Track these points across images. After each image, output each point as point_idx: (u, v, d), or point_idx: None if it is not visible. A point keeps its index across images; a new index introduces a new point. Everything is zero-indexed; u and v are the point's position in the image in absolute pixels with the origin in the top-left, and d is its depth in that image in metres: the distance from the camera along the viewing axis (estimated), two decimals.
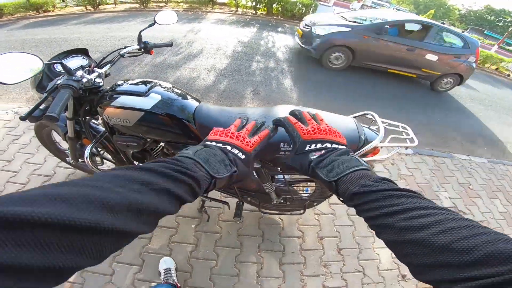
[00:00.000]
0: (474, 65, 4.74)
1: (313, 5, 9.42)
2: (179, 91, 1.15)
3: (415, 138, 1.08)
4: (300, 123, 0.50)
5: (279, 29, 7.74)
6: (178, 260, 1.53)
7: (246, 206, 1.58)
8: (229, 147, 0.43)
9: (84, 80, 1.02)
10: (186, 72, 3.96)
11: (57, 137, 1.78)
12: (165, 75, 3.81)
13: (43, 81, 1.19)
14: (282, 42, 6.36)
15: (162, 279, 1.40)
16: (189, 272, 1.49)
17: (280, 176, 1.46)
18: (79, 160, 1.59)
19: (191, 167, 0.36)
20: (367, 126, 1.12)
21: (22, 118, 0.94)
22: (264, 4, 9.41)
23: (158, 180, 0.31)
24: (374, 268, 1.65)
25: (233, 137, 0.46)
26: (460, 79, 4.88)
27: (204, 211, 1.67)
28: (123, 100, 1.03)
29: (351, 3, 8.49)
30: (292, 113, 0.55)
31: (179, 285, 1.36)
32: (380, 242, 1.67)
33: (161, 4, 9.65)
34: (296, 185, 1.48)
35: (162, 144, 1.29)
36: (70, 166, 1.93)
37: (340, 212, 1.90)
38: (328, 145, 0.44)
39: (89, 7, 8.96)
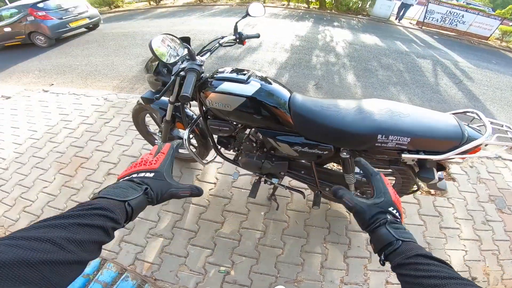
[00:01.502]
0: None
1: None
2: (273, 81, 1.18)
3: None
4: (393, 188, 0.52)
5: (335, 23, 7.46)
6: (247, 246, 1.58)
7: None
8: (134, 175, 0.47)
9: (203, 63, 1.13)
10: (248, 65, 4.09)
11: (147, 121, 1.96)
12: (229, 66, 3.97)
13: (159, 66, 1.33)
14: (340, 36, 6.13)
15: None
16: (256, 258, 1.53)
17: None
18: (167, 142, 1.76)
19: (94, 203, 0.38)
20: (467, 124, 1.06)
21: (157, 98, 1.09)
22: None
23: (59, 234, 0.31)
24: None
25: (137, 165, 0.50)
26: None
27: (274, 199, 1.69)
28: (226, 86, 1.10)
29: None
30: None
31: None
32: (452, 244, 1.56)
33: None
34: None
35: (248, 131, 1.37)
36: None
37: (410, 211, 1.82)
38: (398, 215, 0.48)
39: (152, 3, 9.76)
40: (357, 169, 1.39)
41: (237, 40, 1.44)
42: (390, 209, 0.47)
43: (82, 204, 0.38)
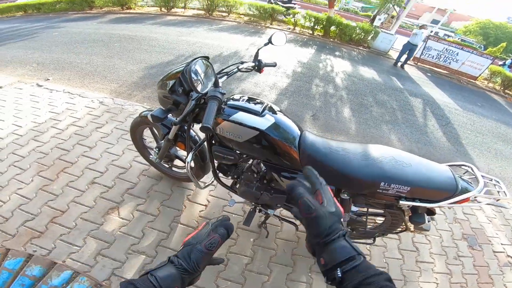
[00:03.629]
0: None
1: (373, 32, 9.27)
2: (286, 116, 1.20)
3: (507, 192, 1.09)
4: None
5: (337, 53, 7.76)
6: (233, 271, 1.57)
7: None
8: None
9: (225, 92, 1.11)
10: (250, 86, 4.16)
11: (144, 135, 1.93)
12: (230, 86, 4.03)
13: (175, 85, 1.24)
14: (341, 67, 6.36)
15: None
16: (241, 283, 1.52)
17: (355, 208, 1.48)
18: (163, 160, 1.72)
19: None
20: (460, 175, 1.15)
21: (176, 123, 1.08)
22: (322, 26, 9.53)
23: None
24: None
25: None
26: None
27: (264, 227, 1.71)
28: (241, 117, 1.09)
29: (412, 30, 8.08)
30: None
31: None
32: (425, 277, 1.70)
33: (224, 14, 10.35)
34: (370, 217, 1.48)
35: (251, 161, 1.37)
36: (145, 162, 2.09)
37: (391, 246, 1.92)
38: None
39: (163, 9, 9.94)
40: (353, 208, 1.41)
41: (256, 67, 1.45)
42: (341, 219, 0.44)
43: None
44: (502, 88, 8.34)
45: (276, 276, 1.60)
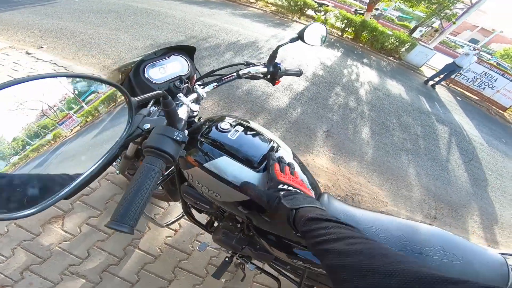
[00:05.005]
0: None
1: (409, 43, 8.49)
2: (301, 170, 0.78)
3: None
4: (280, 171, 0.61)
5: (365, 60, 7.13)
6: None
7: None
8: None
9: (193, 103, 0.68)
10: (261, 84, 3.70)
11: None
12: (239, 81, 3.61)
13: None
14: (367, 77, 5.78)
15: None
16: None
17: None
18: (126, 171, 1.37)
19: None
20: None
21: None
22: (354, 29, 8.82)
23: None
24: None
25: None
26: None
27: (242, 268, 1.39)
28: (225, 167, 0.68)
29: (460, 50, 7.30)
30: (279, 162, 0.66)
31: None
32: None
33: (251, 0, 9.75)
34: None
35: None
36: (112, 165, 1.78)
37: None
38: (298, 190, 0.57)
39: None
40: None
41: (268, 75, 0.97)
42: (280, 186, 0.56)
43: None
44: None
45: None
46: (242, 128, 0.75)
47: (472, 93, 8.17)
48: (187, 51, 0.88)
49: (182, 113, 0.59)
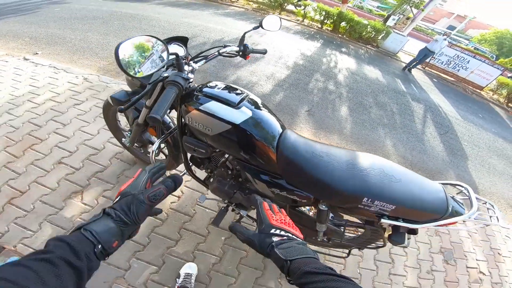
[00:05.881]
0: None
1: (384, 31, 8.95)
2: (267, 111, 1.06)
3: (500, 217, 0.99)
4: (270, 211, 0.59)
5: (343, 49, 7.50)
6: (199, 269, 1.49)
7: None
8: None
9: (191, 78, 0.97)
10: (246, 74, 4.00)
11: (119, 116, 1.83)
12: (226, 72, 3.88)
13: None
14: (345, 64, 6.14)
15: (180, 281, 1.35)
16: (206, 284, 1.46)
17: (336, 219, 1.38)
18: (135, 145, 1.62)
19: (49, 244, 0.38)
20: (452, 196, 1.03)
21: (121, 110, 0.92)
22: (332, 21, 9.22)
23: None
24: None
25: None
26: None
27: (238, 215, 1.60)
28: (213, 107, 0.95)
29: (434, 36, 7.71)
30: (266, 201, 0.63)
31: None
32: None
33: None
34: (347, 228, 1.39)
35: (226, 156, 1.25)
36: (120, 145, 1.99)
37: (368, 256, 1.86)
38: (290, 235, 0.53)
39: None
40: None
41: (240, 53, 1.30)
42: (272, 231, 0.52)
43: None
44: (506, 101, 8.08)
45: (244, 279, 1.51)
46: (224, 86, 1.05)
47: (448, 75, 8.64)
48: (182, 40, 1.21)
49: (189, 77, 0.96)
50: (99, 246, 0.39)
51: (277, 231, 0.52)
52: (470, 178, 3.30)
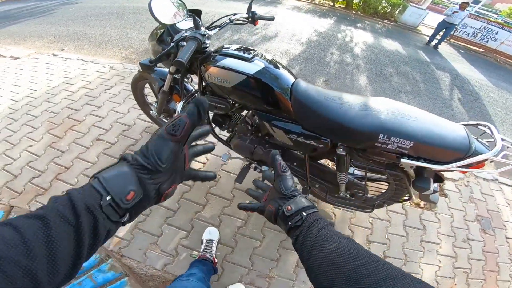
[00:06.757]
0: None
1: (401, 6, 8.43)
2: (279, 64, 1.13)
3: None
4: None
5: (358, 25, 7.20)
6: (225, 233, 1.54)
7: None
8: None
9: (206, 39, 1.07)
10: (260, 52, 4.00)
11: (146, 92, 1.94)
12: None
13: (164, 35, 1.31)
14: (361, 38, 5.92)
15: (202, 249, 1.39)
16: (232, 247, 1.49)
17: (357, 170, 1.38)
18: (162, 114, 1.71)
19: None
20: (475, 137, 0.98)
21: (152, 61, 1.07)
22: None
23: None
24: None
25: None
26: None
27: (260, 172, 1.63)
28: (229, 62, 1.05)
29: (447, 8, 7.10)
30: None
31: (216, 260, 1.33)
32: (428, 259, 1.49)
33: None
34: (370, 182, 1.37)
35: (244, 113, 1.32)
36: (149, 120, 2.11)
37: (396, 221, 1.78)
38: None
39: None
40: (351, 169, 1.34)
41: (249, 19, 1.38)
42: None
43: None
44: None
45: (268, 242, 1.54)
46: (238, 46, 1.14)
47: (477, 46, 8.05)
48: (196, 12, 1.29)
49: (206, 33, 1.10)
50: (108, 198, 0.29)
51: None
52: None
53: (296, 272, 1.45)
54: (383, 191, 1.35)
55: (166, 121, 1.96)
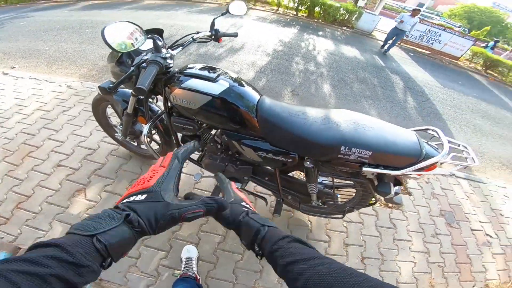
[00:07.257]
0: None
1: (357, 12, 9.15)
2: (243, 82, 1.16)
3: (476, 158, 1.05)
4: (238, 189, 0.56)
5: (320, 33, 7.63)
6: (205, 250, 1.54)
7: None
8: (125, 200, 0.38)
9: (168, 59, 1.07)
10: (228, 65, 4.06)
11: (109, 113, 1.88)
12: (208, 64, 3.91)
13: (123, 56, 1.26)
14: (323, 46, 6.28)
15: (183, 268, 1.39)
16: (213, 263, 1.50)
17: (326, 180, 1.48)
18: (128, 137, 1.68)
19: (49, 242, 0.30)
20: (426, 141, 1.11)
21: (111, 88, 1.00)
22: (306, 6, 9.33)
23: None
24: (393, 280, 1.63)
25: (134, 186, 0.41)
26: None
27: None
28: (193, 83, 1.05)
29: (398, 14, 7.74)
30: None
31: (198, 277, 1.34)
32: (403, 256, 1.65)
33: None
34: (339, 189, 1.49)
35: (213, 132, 1.34)
36: (114, 142, 2.04)
37: (369, 223, 1.88)
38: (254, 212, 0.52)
39: None
40: (319, 179, 1.42)
41: (213, 37, 1.40)
42: (243, 204, 0.49)
43: (36, 245, 0.29)
44: (483, 69, 8.44)
45: (249, 255, 1.55)
46: (201, 66, 1.16)
47: (424, 49, 8.91)
48: (157, 32, 1.29)
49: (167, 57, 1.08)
50: (109, 260, 0.32)
51: (246, 204, 0.50)
52: (458, 139, 3.45)
53: (280, 281, 1.47)
54: (351, 197, 1.45)
55: (133, 143, 1.92)
